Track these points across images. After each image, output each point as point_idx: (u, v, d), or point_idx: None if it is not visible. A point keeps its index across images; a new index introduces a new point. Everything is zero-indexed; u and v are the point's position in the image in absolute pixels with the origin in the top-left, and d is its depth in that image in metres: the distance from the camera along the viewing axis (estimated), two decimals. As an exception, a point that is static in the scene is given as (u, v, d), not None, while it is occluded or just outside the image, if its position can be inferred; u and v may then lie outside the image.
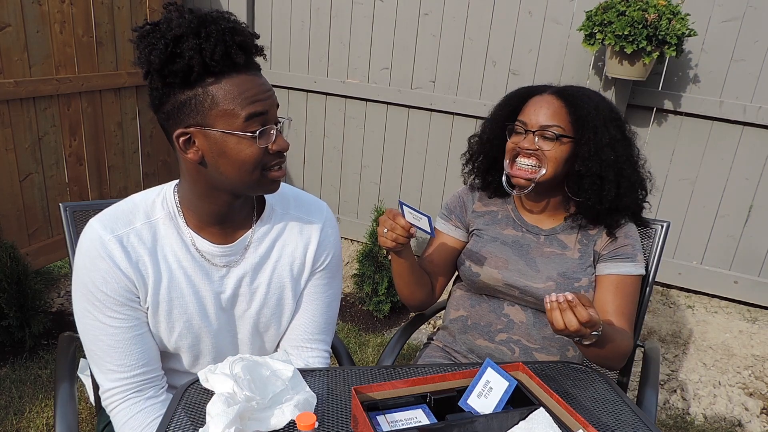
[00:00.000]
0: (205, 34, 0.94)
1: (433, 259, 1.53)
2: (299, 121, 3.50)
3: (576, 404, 1.07)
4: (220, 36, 0.94)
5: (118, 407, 1.10)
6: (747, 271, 2.86)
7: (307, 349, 1.25)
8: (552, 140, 1.34)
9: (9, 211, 2.60)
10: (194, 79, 0.96)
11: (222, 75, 0.97)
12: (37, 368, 2.33)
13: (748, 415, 2.38)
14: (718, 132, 2.74)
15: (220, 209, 1.09)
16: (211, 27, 0.94)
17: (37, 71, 2.61)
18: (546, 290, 1.36)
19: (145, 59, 0.95)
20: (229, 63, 0.97)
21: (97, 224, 1.06)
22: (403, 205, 1.25)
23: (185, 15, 0.95)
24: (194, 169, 1.04)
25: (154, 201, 1.11)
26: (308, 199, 1.24)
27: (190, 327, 1.13)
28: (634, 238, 1.41)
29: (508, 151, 1.40)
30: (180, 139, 1.00)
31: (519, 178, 1.37)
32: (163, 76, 0.96)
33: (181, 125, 0.99)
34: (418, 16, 3.05)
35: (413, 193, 3.36)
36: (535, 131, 1.34)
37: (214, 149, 1.00)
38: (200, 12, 0.97)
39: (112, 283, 1.04)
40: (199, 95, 0.97)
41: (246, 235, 1.14)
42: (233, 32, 0.96)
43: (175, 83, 0.96)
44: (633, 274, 1.37)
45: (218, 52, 0.94)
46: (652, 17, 2.33)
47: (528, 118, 1.36)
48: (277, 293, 1.18)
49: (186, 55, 0.93)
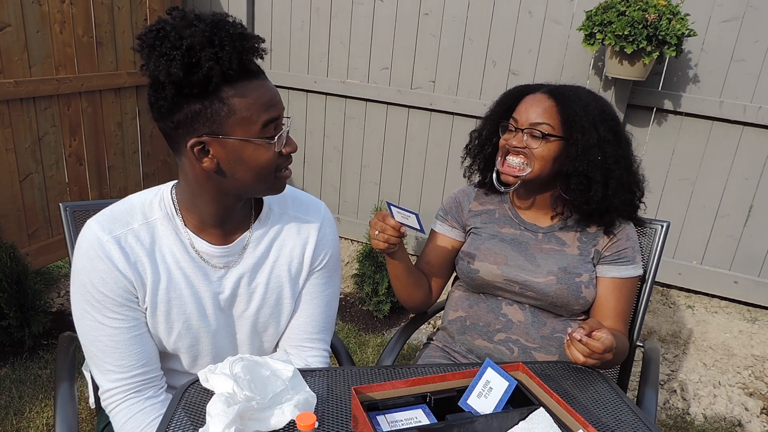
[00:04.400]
0: (219, 42, 0.93)
1: (430, 260, 1.54)
2: (299, 121, 3.50)
3: (576, 404, 1.07)
4: (232, 43, 0.94)
5: (117, 408, 1.10)
6: (747, 271, 2.86)
7: (306, 348, 1.25)
8: (539, 138, 1.35)
9: (9, 211, 2.60)
10: (212, 89, 0.95)
11: (237, 83, 0.97)
12: (37, 368, 2.33)
13: (748, 415, 2.38)
14: (718, 132, 2.74)
15: (223, 212, 1.09)
16: (222, 34, 0.93)
17: (37, 71, 2.61)
18: (547, 284, 1.37)
19: (164, 71, 0.92)
20: (244, 70, 0.97)
21: (95, 225, 1.06)
22: (390, 205, 1.27)
23: (194, 23, 0.94)
24: (205, 176, 1.04)
25: (151, 202, 1.11)
26: (306, 198, 1.24)
27: (188, 327, 1.13)
28: (634, 239, 1.43)
29: (500, 148, 1.43)
30: (195, 149, 0.99)
31: (507, 175, 1.40)
32: (180, 87, 0.94)
33: (194, 134, 0.98)
34: (418, 16, 3.05)
35: (413, 193, 3.36)
36: (524, 129, 1.36)
37: (231, 157, 1.00)
38: (207, 18, 0.95)
39: (110, 283, 1.04)
40: (215, 104, 0.96)
41: (244, 236, 1.14)
42: (242, 38, 0.95)
43: (191, 94, 0.95)
44: (633, 276, 1.41)
45: (235, 61, 0.94)
46: (652, 17, 2.33)
47: (519, 116, 1.38)
48: (275, 293, 1.19)
49: (205, 65, 0.92)
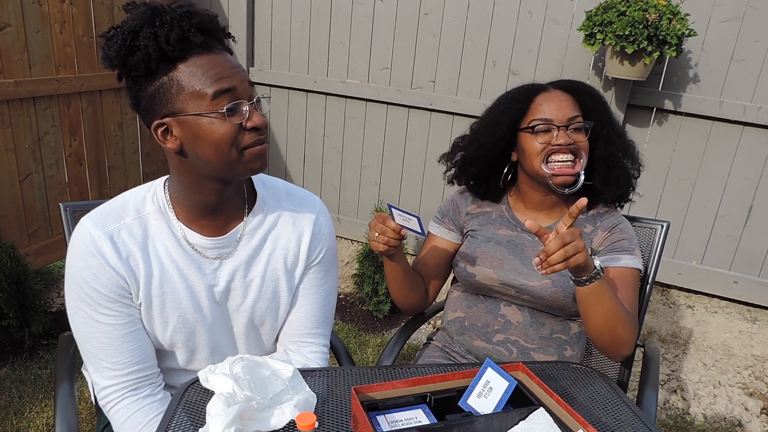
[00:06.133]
0: (160, 22, 0.95)
1: (427, 262, 1.53)
2: (299, 121, 3.50)
3: (576, 404, 1.07)
4: (175, 21, 0.95)
5: (115, 407, 1.10)
6: (747, 271, 2.86)
7: (306, 344, 1.25)
8: (581, 131, 1.36)
9: (9, 211, 2.60)
10: (155, 67, 0.96)
11: (182, 59, 0.97)
12: (37, 368, 2.33)
13: (748, 415, 2.38)
14: (718, 132, 2.74)
15: (209, 200, 1.09)
16: (165, 15, 0.95)
17: (37, 71, 2.61)
18: (542, 288, 1.36)
19: (105, 56, 0.97)
20: (187, 45, 0.97)
21: (88, 222, 1.06)
22: (391, 207, 1.25)
23: (140, 8, 0.97)
24: (177, 160, 1.05)
25: (144, 197, 1.11)
26: (301, 193, 1.24)
27: (184, 321, 1.13)
28: (630, 233, 1.41)
29: (538, 153, 1.34)
30: (158, 131, 1.01)
31: (565, 176, 1.33)
32: (128, 71, 0.98)
33: (156, 117, 1.00)
34: (418, 16, 3.05)
35: (413, 194, 3.36)
36: (567, 126, 1.34)
37: (189, 134, 1.00)
38: (156, 4, 0.98)
39: (103, 279, 1.04)
40: (165, 83, 0.97)
41: (238, 227, 1.14)
42: (189, 16, 0.97)
43: (139, 76, 0.98)
44: (631, 266, 1.35)
45: (174, 36, 0.94)
46: (653, 17, 2.33)
47: (552, 114, 1.34)
48: (271, 286, 1.18)
49: (142, 44, 0.94)
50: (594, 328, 1.23)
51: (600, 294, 1.18)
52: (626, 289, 1.33)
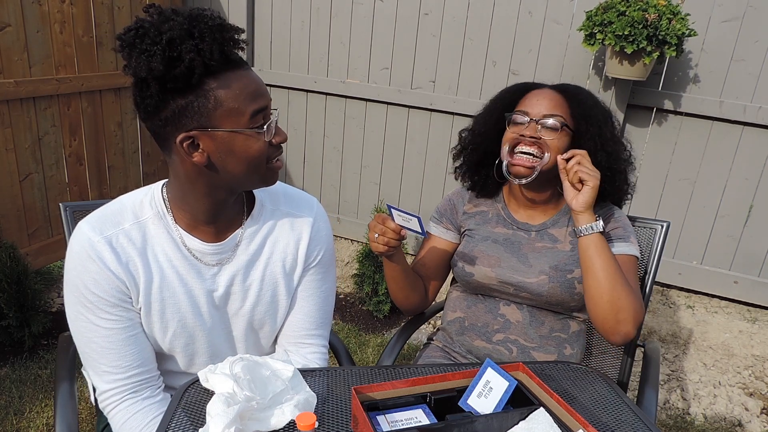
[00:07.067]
0: (199, 34, 0.92)
1: (426, 262, 1.54)
2: (299, 121, 3.50)
3: (576, 404, 1.07)
4: (212, 34, 0.93)
5: (115, 409, 1.10)
6: (747, 271, 2.86)
7: (305, 345, 1.25)
8: (555, 130, 1.36)
9: (9, 211, 2.60)
10: (195, 81, 0.94)
11: (220, 74, 0.96)
12: (37, 368, 2.33)
13: (748, 415, 2.38)
14: (718, 132, 2.74)
15: (215, 208, 1.09)
16: (201, 26, 0.93)
17: (37, 71, 2.61)
18: (539, 284, 1.37)
19: (145, 67, 0.91)
20: (226, 61, 0.96)
21: (86, 226, 1.05)
22: (391, 208, 1.25)
23: (172, 17, 0.93)
24: (196, 172, 1.03)
25: (142, 201, 1.10)
26: (298, 194, 1.24)
27: (183, 326, 1.13)
28: (625, 222, 1.43)
29: (508, 140, 1.40)
30: (184, 144, 0.98)
31: (519, 166, 1.36)
32: (164, 82, 0.94)
33: (182, 129, 0.98)
34: (418, 16, 3.05)
35: (413, 194, 3.36)
36: (538, 120, 1.36)
37: (221, 149, 0.99)
38: (184, 12, 0.95)
39: (102, 284, 1.04)
40: (201, 97, 0.95)
41: (236, 233, 1.14)
42: (222, 29, 0.95)
43: (175, 88, 0.95)
44: (628, 253, 1.37)
45: (216, 51, 0.93)
46: (653, 17, 2.33)
47: (530, 108, 1.38)
48: (270, 290, 1.18)
49: (185, 57, 0.91)
50: (593, 288, 1.27)
51: (601, 247, 1.27)
52: (626, 275, 1.34)
